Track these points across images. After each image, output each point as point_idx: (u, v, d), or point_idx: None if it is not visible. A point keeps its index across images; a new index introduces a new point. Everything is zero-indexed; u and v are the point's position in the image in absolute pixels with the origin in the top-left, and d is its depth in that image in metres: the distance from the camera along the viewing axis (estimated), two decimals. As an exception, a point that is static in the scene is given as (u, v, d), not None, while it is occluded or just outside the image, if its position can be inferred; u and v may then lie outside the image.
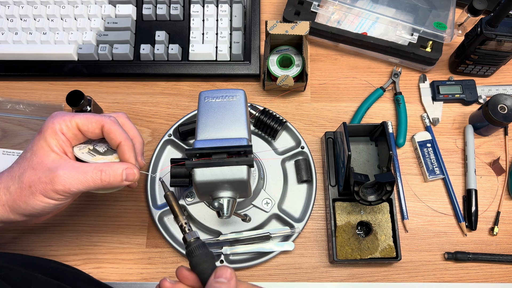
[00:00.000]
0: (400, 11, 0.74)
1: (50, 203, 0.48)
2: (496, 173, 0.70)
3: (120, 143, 0.50)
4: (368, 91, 0.75)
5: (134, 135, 0.54)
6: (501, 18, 0.62)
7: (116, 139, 0.50)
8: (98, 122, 0.50)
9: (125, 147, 0.50)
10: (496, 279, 0.65)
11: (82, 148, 0.51)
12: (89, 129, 0.50)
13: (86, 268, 0.65)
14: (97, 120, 0.50)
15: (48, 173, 0.46)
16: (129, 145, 0.50)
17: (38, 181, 0.47)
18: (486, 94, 0.74)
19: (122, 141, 0.50)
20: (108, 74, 0.74)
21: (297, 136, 0.70)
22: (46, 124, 0.49)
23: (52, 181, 0.46)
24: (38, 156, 0.48)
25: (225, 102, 0.53)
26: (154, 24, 0.76)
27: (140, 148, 0.54)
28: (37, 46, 0.74)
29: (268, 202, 0.65)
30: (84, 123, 0.49)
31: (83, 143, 0.52)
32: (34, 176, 0.47)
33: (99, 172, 0.48)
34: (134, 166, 0.50)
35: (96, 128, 0.50)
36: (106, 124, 0.50)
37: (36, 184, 0.46)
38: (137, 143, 0.53)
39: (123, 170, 0.49)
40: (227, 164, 0.48)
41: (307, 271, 0.65)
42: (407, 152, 0.72)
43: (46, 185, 0.46)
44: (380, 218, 0.64)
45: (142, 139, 0.55)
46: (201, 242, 0.44)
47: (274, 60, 0.72)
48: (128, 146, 0.50)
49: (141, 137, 0.55)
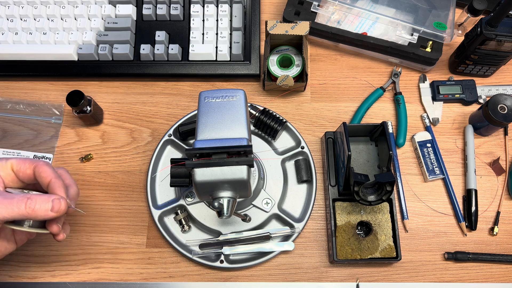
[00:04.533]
0: (400, 11, 0.74)
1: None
2: (496, 173, 0.70)
3: (50, 181, 0.50)
4: (368, 91, 0.75)
5: (70, 183, 0.54)
6: (501, 18, 0.62)
7: (47, 177, 0.50)
8: (31, 163, 0.51)
9: (54, 184, 0.50)
10: (496, 279, 0.65)
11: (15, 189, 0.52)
12: (21, 169, 0.51)
13: (86, 268, 0.65)
14: (31, 161, 0.51)
15: None
16: (60, 183, 0.50)
17: None
18: (486, 94, 0.74)
19: (52, 179, 0.50)
20: (108, 74, 0.74)
21: (297, 136, 0.70)
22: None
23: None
24: None
25: (225, 102, 0.53)
26: (154, 24, 0.76)
27: (74, 195, 0.53)
28: (37, 46, 0.74)
29: (268, 202, 0.65)
30: (18, 163, 0.51)
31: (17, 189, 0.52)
32: None
33: (25, 198, 0.47)
34: (63, 198, 0.49)
35: (28, 169, 0.51)
36: (38, 165, 0.50)
37: None
38: (71, 190, 0.53)
39: (50, 200, 0.48)
40: (227, 164, 0.48)
41: (307, 271, 0.65)
42: (407, 152, 0.72)
43: None
44: (380, 218, 0.64)
45: (77, 189, 0.55)
46: None
47: (274, 60, 0.72)
48: (58, 184, 0.50)
49: (76, 187, 0.55)
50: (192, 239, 0.65)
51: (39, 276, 0.65)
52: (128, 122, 0.73)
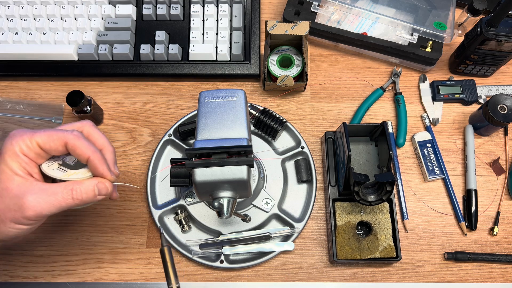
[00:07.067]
0: (400, 11, 0.74)
1: (23, 229, 0.46)
2: (496, 173, 0.70)
3: (88, 158, 0.47)
4: (368, 91, 0.75)
5: (102, 144, 0.50)
6: (501, 18, 0.62)
7: (84, 154, 0.47)
8: (60, 139, 0.46)
9: (95, 161, 0.47)
10: (496, 279, 0.65)
11: (52, 164, 0.48)
12: (51, 147, 0.46)
13: (86, 268, 0.65)
14: (59, 137, 0.46)
15: (16, 200, 0.44)
16: (99, 158, 0.47)
17: (7, 209, 0.44)
18: (486, 94, 0.74)
19: (90, 155, 0.47)
20: (108, 74, 0.74)
21: (297, 136, 0.70)
22: (5, 145, 0.46)
23: (21, 208, 0.44)
24: (2, 181, 0.45)
25: (225, 102, 0.53)
26: (154, 24, 0.76)
27: (112, 157, 0.50)
28: (37, 46, 0.74)
29: (268, 202, 0.65)
30: (45, 141, 0.46)
31: (52, 158, 0.49)
32: (2, 204, 0.44)
33: (70, 191, 0.46)
34: (105, 180, 0.48)
35: (59, 146, 0.46)
36: (69, 141, 0.46)
37: (5, 212, 0.44)
38: (107, 153, 0.50)
39: (95, 186, 0.47)
40: (227, 164, 0.48)
41: (307, 271, 0.65)
42: (407, 152, 0.72)
43: (16, 213, 0.44)
44: (380, 218, 0.64)
45: (112, 148, 0.51)
46: None
47: (274, 60, 0.72)
48: (98, 160, 0.47)
49: (111, 146, 0.51)
50: (192, 239, 0.65)
51: (39, 276, 0.65)
52: (128, 122, 0.73)
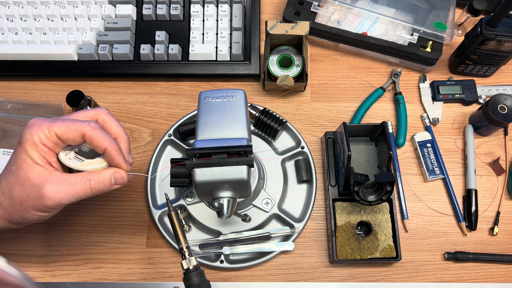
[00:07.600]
0: (400, 11, 0.74)
1: (43, 215, 0.49)
2: (496, 173, 0.70)
3: (105, 149, 0.48)
4: (368, 91, 0.75)
5: (117, 133, 0.51)
6: (501, 18, 0.62)
7: (101, 145, 0.48)
8: (77, 130, 0.47)
9: (112, 153, 0.48)
10: (496, 279, 0.65)
11: (68, 153, 0.50)
12: (69, 138, 0.48)
13: (86, 268, 0.65)
14: (77, 128, 0.47)
15: (36, 189, 0.46)
16: (115, 149, 0.49)
17: (28, 197, 0.47)
18: (486, 94, 0.74)
19: (107, 146, 0.48)
20: (108, 74, 0.74)
21: (297, 136, 0.70)
22: (25, 134, 0.47)
23: (41, 197, 0.46)
24: (23, 170, 0.47)
25: (225, 102, 0.53)
26: (154, 24, 0.76)
27: (126, 147, 0.52)
28: (37, 46, 0.74)
29: (268, 202, 0.65)
30: (63, 131, 0.47)
31: (68, 147, 0.50)
32: (23, 193, 0.47)
33: (87, 181, 0.48)
34: (121, 170, 0.50)
35: (77, 137, 0.48)
36: (87, 132, 0.47)
37: (27, 201, 0.47)
38: (122, 142, 0.51)
39: (111, 176, 0.49)
40: (227, 164, 0.48)
41: (307, 271, 0.65)
42: (407, 152, 0.72)
43: (36, 201, 0.46)
44: (380, 218, 0.64)
45: (126, 136, 0.52)
46: (200, 271, 0.45)
47: (274, 60, 0.72)
48: (115, 151, 0.48)
49: (125, 134, 0.52)
50: (192, 239, 0.65)
51: (39, 276, 0.65)
52: (128, 122, 0.73)
